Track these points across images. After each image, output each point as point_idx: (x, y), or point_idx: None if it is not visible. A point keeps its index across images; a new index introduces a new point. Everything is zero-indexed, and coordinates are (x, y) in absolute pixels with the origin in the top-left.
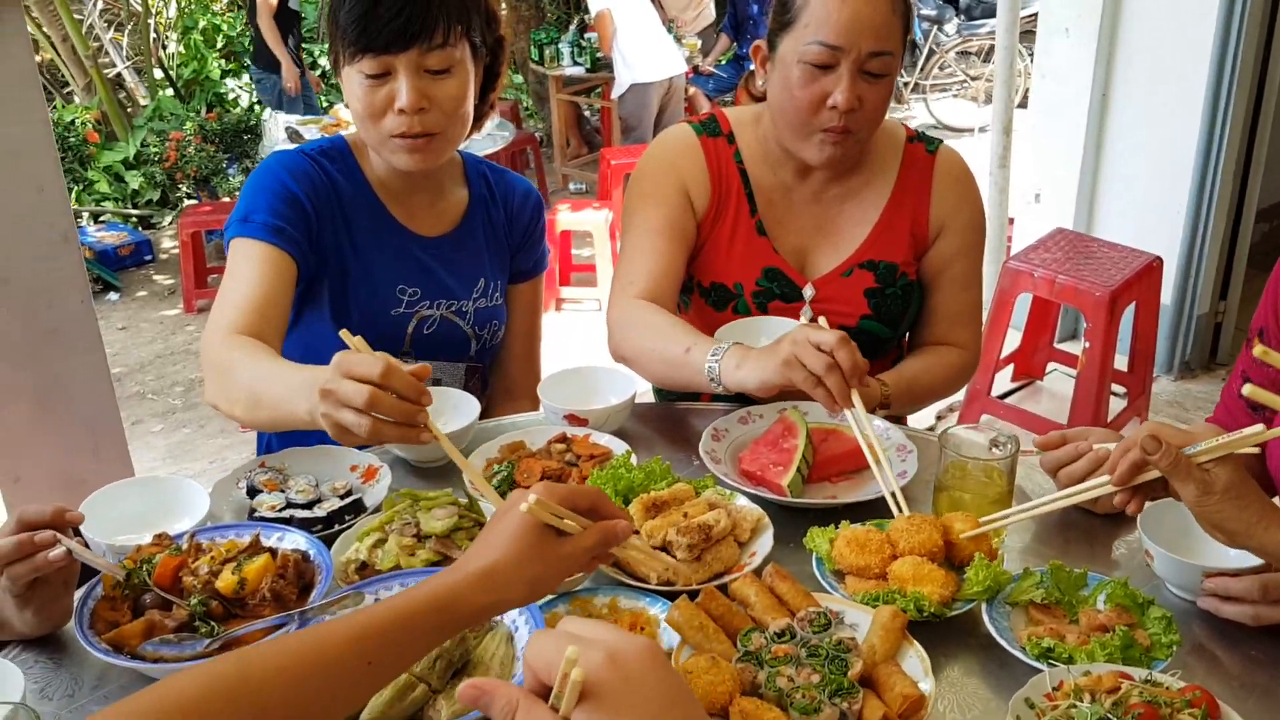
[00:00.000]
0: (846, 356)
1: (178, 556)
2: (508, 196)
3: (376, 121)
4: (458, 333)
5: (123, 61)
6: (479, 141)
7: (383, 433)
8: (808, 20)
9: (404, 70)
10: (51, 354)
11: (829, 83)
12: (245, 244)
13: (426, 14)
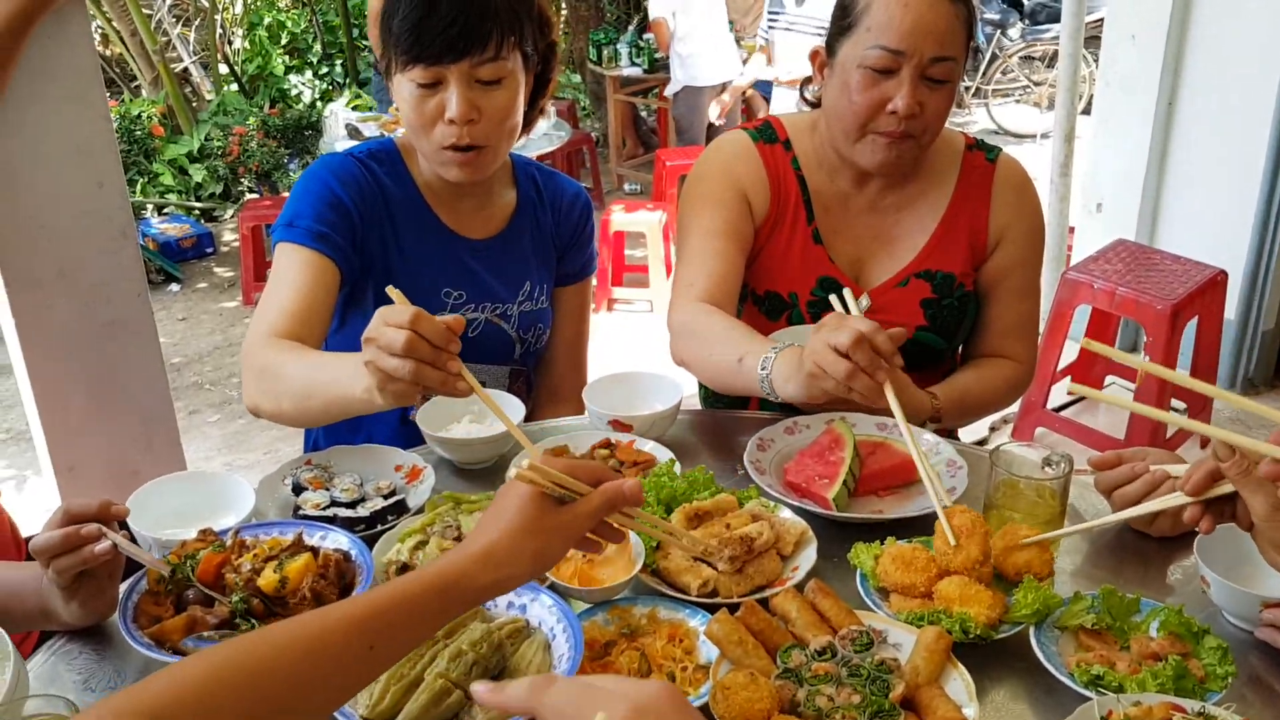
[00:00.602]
0: (863, 355)
1: (221, 553)
2: (556, 199)
3: (427, 131)
4: (502, 336)
5: (189, 56)
6: (535, 142)
7: (422, 375)
8: (869, 24)
9: (455, 81)
10: (108, 346)
11: (889, 88)
12: (290, 249)
13: (479, 26)
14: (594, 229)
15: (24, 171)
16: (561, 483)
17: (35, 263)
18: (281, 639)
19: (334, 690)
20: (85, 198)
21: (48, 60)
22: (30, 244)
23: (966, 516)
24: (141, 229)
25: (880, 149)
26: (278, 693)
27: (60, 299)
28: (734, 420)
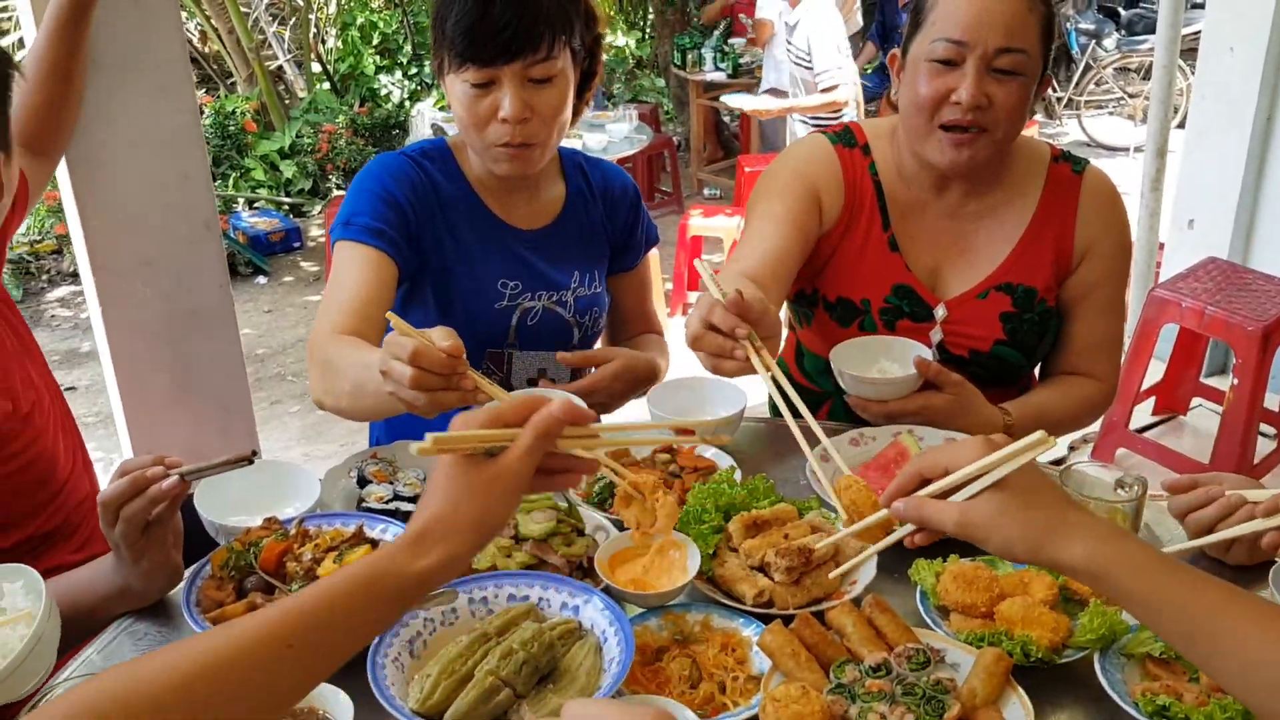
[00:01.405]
0: (720, 315)
1: (284, 542)
2: (606, 188)
3: (480, 130)
4: (560, 323)
5: (284, 55)
6: (616, 144)
7: (439, 400)
8: (935, 19)
9: (508, 81)
10: (190, 335)
11: (953, 79)
12: (348, 247)
13: (532, 28)
14: (645, 214)
15: (112, 162)
16: (482, 439)
17: (122, 252)
18: (174, 652)
19: (253, 691)
20: (171, 189)
21: (137, 53)
22: (117, 233)
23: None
24: (232, 222)
25: (949, 146)
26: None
27: (145, 288)
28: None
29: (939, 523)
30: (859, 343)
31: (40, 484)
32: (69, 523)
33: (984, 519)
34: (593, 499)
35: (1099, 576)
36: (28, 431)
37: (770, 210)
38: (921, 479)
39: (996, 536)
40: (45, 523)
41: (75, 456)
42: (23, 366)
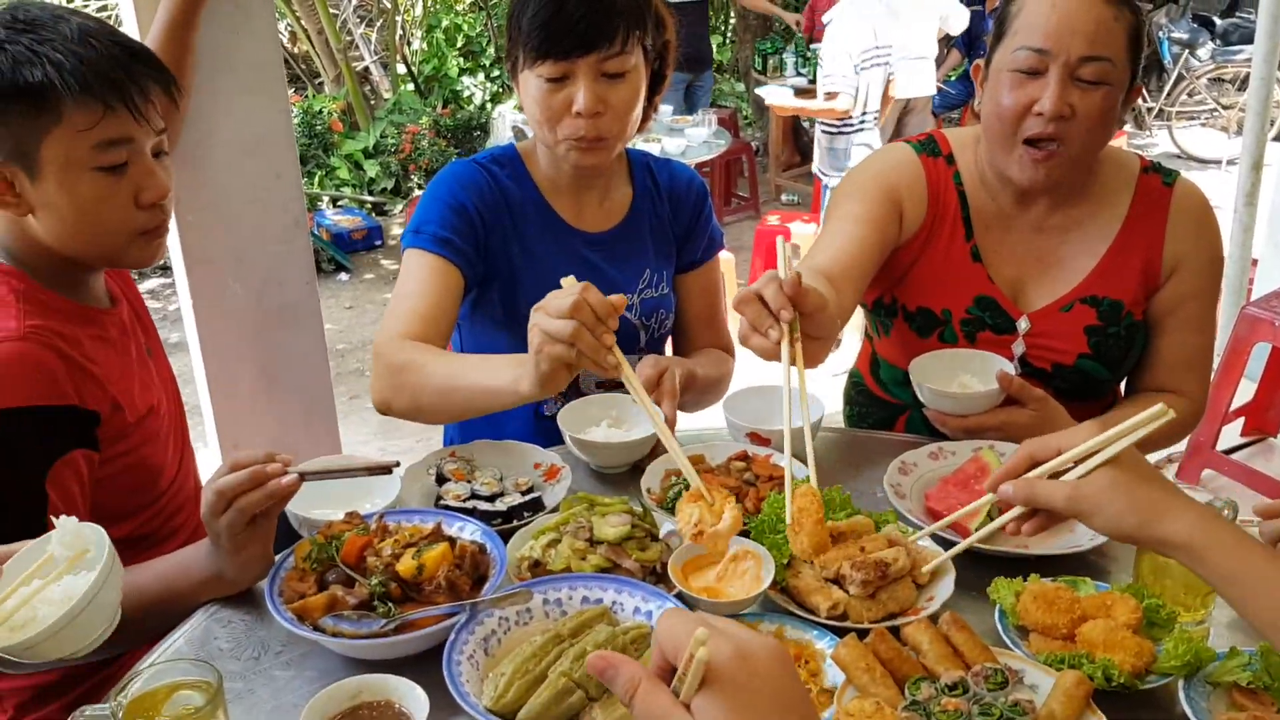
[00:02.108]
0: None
1: (365, 536)
2: (672, 187)
3: (554, 124)
4: (626, 326)
5: (371, 56)
6: (694, 149)
7: (580, 337)
8: (1018, 27)
9: (583, 75)
10: (276, 330)
11: (1035, 89)
12: (417, 254)
13: (607, 21)
14: (711, 210)
15: (208, 160)
16: None
17: (214, 248)
18: None
19: None
20: (263, 187)
21: (234, 54)
22: (210, 229)
23: (809, 498)
24: (316, 219)
25: (1029, 164)
26: None
27: (235, 283)
28: (876, 441)
29: (1049, 500)
30: (939, 355)
31: (143, 487)
32: (169, 526)
33: (1095, 494)
34: (667, 504)
35: (1198, 553)
36: (136, 435)
37: (849, 211)
38: (1033, 461)
39: (1108, 510)
40: (145, 525)
41: (183, 462)
42: (145, 370)
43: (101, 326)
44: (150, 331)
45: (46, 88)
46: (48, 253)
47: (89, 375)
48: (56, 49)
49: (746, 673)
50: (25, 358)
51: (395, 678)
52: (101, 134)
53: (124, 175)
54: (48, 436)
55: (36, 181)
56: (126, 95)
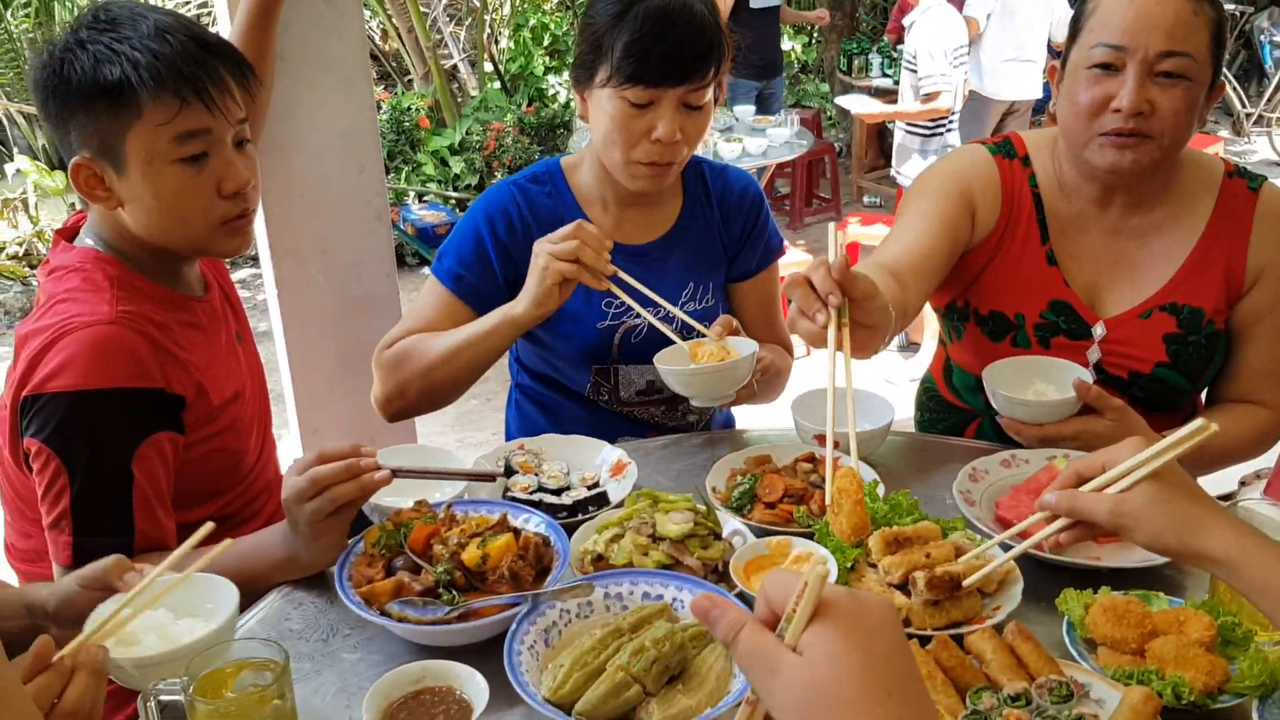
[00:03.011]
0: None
1: (432, 525)
2: (724, 194)
3: (629, 147)
4: (666, 338)
5: (459, 54)
6: (775, 149)
7: (583, 253)
8: (1093, 25)
9: (668, 104)
10: (357, 321)
11: (1113, 85)
12: (432, 282)
13: (704, 54)
14: (768, 218)
15: (295, 153)
16: None
17: (300, 239)
18: None
19: None
20: (347, 181)
21: (323, 51)
22: (296, 221)
23: (849, 479)
24: (402, 214)
25: (1109, 150)
26: None
27: (319, 274)
28: (946, 447)
29: (1091, 513)
30: (1014, 362)
31: (226, 471)
32: (249, 509)
33: (1137, 509)
34: (731, 503)
35: (1236, 568)
36: (221, 420)
37: (921, 209)
38: (1080, 479)
39: (1148, 526)
40: (226, 508)
41: (264, 448)
42: (233, 356)
43: (192, 313)
44: (241, 318)
45: (125, 84)
46: (140, 242)
47: (177, 360)
48: (134, 46)
49: (860, 611)
50: (115, 341)
51: (457, 664)
52: (179, 127)
53: (204, 166)
54: (135, 418)
55: (123, 176)
56: (200, 88)
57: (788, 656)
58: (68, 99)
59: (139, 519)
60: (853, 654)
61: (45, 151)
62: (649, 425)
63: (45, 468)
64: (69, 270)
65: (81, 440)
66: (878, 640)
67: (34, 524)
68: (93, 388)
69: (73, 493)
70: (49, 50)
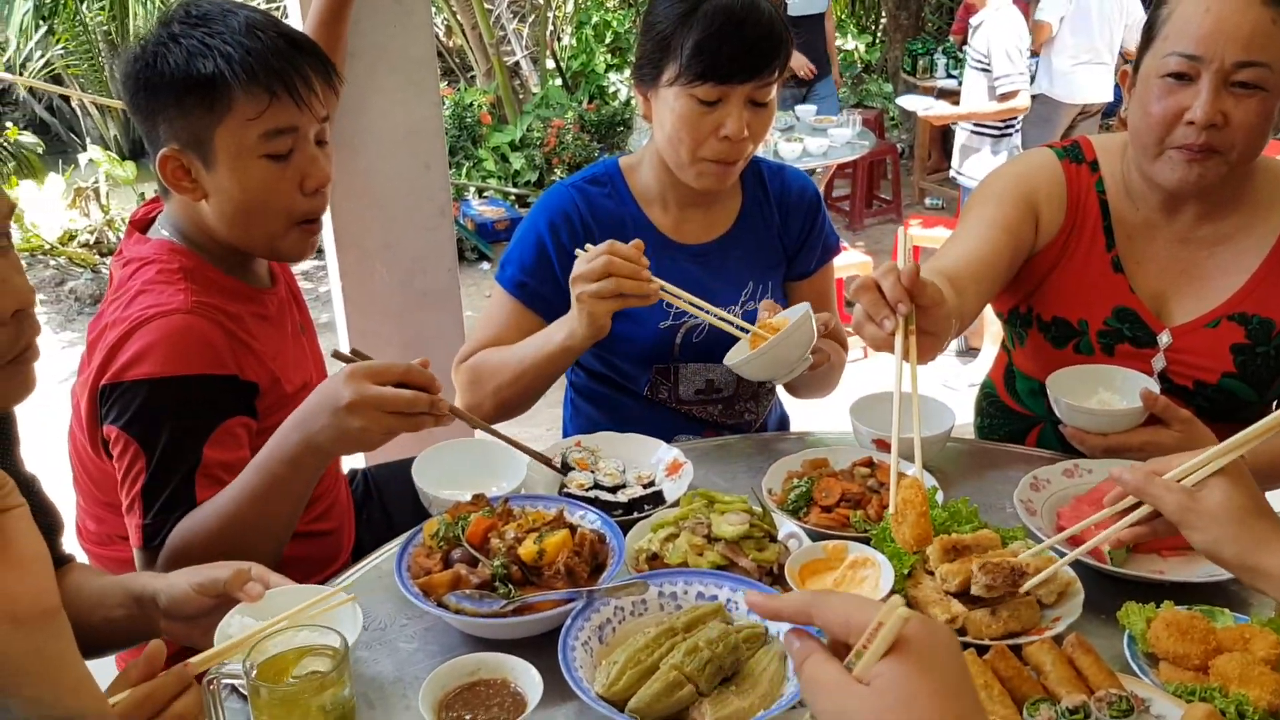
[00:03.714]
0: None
1: (490, 518)
2: (783, 194)
3: (696, 145)
4: (727, 336)
5: (521, 51)
6: (836, 149)
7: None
8: (1168, 33)
9: (735, 101)
10: (419, 313)
11: (1186, 96)
12: (498, 290)
13: (772, 51)
14: (825, 218)
15: (362, 149)
16: None
17: (365, 233)
18: None
19: None
20: (413, 177)
21: (391, 49)
22: (362, 216)
23: (913, 489)
24: (462, 209)
25: (1179, 165)
26: None
27: (383, 268)
28: (1007, 455)
29: (1159, 499)
30: (1078, 370)
31: None
32: (313, 496)
33: (1206, 510)
34: (787, 506)
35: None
36: (290, 408)
37: (983, 215)
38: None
39: (1213, 529)
40: None
41: None
42: (299, 347)
43: (262, 305)
44: (303, 310)
45: (218, 79)
46: (215, 236)
47: (249, 349)
48: (226, 41)
49: (932, 642)
50: (191, 329)
51: (512, 658)
52: (268, 122)
53: (289, 162)
54: (210, 404)
55: (210, 169)
56: (290, 84)
57: (855, 689)
58: (159, 92)
59: (201, 493)
60: (922, 688)
61: (116, 142)
62: (707, 424)
63: (124, 454)
64: (145, 262)
65: (159, 426)
66: (947, 672)
67: (104, 507)
68: (170, 374)
69: (146, 476)
70: (141, 44)
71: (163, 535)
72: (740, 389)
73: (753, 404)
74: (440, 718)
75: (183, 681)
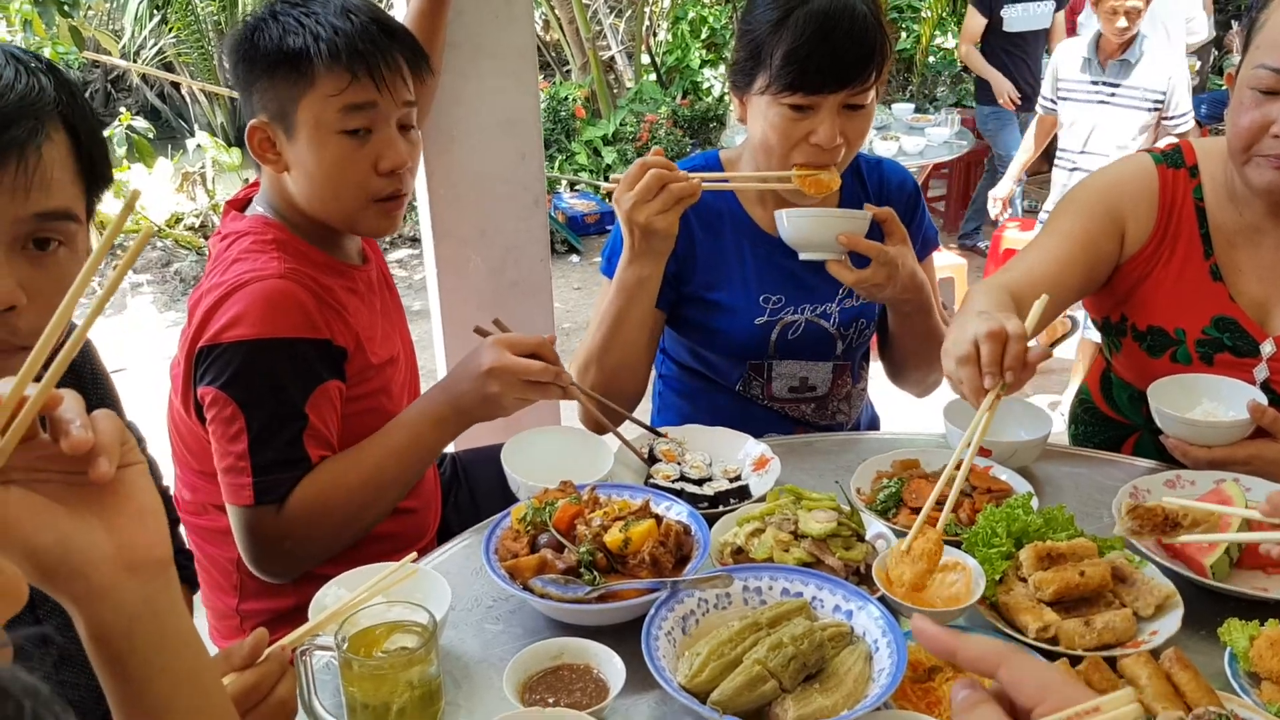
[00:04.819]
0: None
1: (577, 505)
2: (882, 187)
3: (788, 151)
4: (823, 335)
5: (617, 45)
6: (934, 149)
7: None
8: (1259, 42)
9: (827, 108)
10: (510, 302)
11: (1273, 109)
12: (605, 282)
13: (865, 60)
14: (924, 211)
15: (461, 139)
16: None
17: (461, 222)
18: None
19: None
20: (509, 167)
21: (491, 39)
22: (459, 204)
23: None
24: (553, 202)
25: (1266, 170)
26: None
27: (477, 256)
28: (1106, 464)
29: None
30: (1180, 380)
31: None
32: None
33: None
34: (876, 506)
35: None
36: (377, 380)
37: (1062, 226)
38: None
39: None
40: None
41: None
42: (387, 323)
43: (351, 280)
44: (393, 294)
45: (304, 54)
46: (303, 211)
47: (339, 315)
48: (318, 21)
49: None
50: (286, 295)
51: (596, 644)
52: (347, 99)
53: (366, 141)
54: (306, 366)
55: (292, 141)
56: (373, 65)
57: None
58: (254, 64)
59: (311, 450)
60: None
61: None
62: (798, 422)
63: (221, 414)
64: (241, 235)
65: (257, 386)
66: None
67: (199, 475)
68: (267, 337)
69: (250, 436)
70: (246, 21)
71: (278, 493)
72: (834, 389)
73: (845, 404)
74: (524, 699)
75: (283, 666)
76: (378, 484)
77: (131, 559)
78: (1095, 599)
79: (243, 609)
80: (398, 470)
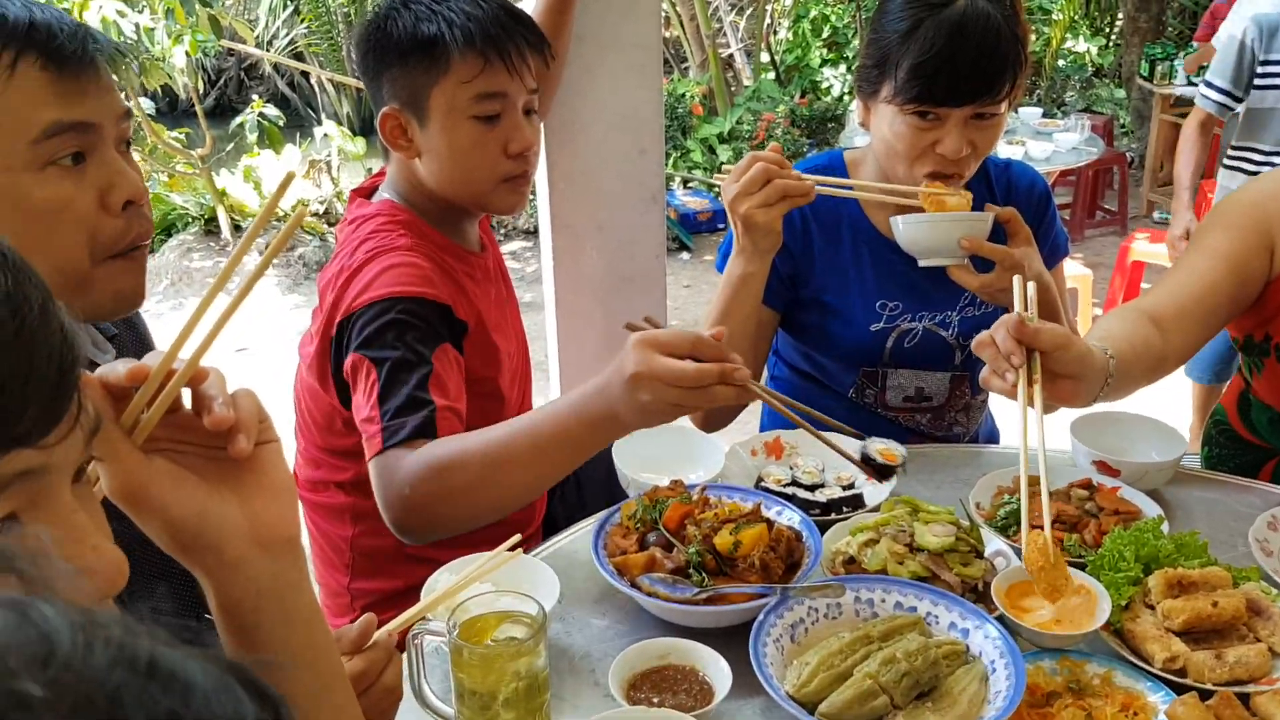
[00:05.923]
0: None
1: (687, 505)
2: (1010, 190)
3: (914, 162)
4: (941, 344)
5: (736, 43)
6: (1061, 155)
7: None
8: None
9: (956, 120)
10: (623, 297)
11: None
12: (720, 279)
13: (996, 75)
14: (1055, 215)
15: (582, 132)
16: None
17: (579, 214)
18: None
19: None
20: (628, 161)
21: (618, 33)
22: (578, 197)
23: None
24: (667, 198)
25: None
26: None
27: (594, 249)
28: (1242, 489)
29: None
30: None
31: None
32: None
33: None
34: (996, 522)
35: None
36: (493, 362)
37: (1207, 245)
38: None
39: None
40: None
41: (522, 408)
42: (501, 311)
43: (470, 266)
44: (508, 284)
45: (438, 41)
46: (431, 195)
47: (462, 293)
48: (450, 9)
49: None
50: (414, 263)
51: (703, 647)
52: (480, 86)
53: (496, 126)
54: (430, 323)
55: (424, 127)
56: (504, 52)
57: None
58: (386, 52)
59: (436, 397)
60: None
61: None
62: (912, 432)
63: (359, 374)
64: (368, 218)
65: (387, 337)
66: None
67: (322, 451)
68: (394, 294)
69: (380, 386)
70: (376, 10)
71: (403, 435)
72: (951, 399)
73: (963, 416)
74: (629, 697)
75: (389, 653)
76: (507, 461)
77: (263, 535)
78: (1228, 631)
79: (354, 588)
80: (533, 456)
